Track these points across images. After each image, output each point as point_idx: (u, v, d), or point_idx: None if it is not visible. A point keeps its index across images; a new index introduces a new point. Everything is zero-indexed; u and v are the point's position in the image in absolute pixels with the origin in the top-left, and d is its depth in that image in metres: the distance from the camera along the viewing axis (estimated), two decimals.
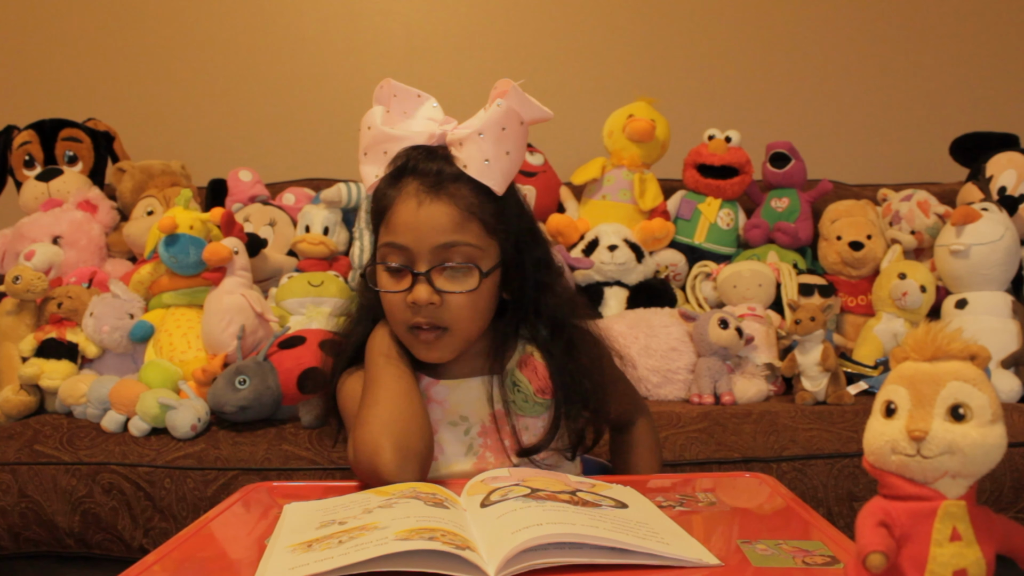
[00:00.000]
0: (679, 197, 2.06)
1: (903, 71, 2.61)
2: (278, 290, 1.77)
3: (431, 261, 0.91)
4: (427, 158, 0.92)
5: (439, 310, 0.91)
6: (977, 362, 0.50)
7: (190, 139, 2.56)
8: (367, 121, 0.95)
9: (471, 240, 0.91)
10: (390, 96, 0.95)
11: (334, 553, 0.62)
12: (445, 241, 0.90)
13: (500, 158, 0.90)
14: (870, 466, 0.51)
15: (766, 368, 1.65)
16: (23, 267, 1.69)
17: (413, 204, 0.90)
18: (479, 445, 0.98)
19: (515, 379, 0.98)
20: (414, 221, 0.90)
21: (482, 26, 2.61)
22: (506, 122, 0.90)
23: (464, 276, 0.92)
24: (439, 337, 0.93)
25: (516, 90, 0.90)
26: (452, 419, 0.98)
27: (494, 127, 0.90)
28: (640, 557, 0.63)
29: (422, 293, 0.90)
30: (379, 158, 0.94)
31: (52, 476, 1.36)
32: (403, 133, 0.93)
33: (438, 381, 0.99)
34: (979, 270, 1.68)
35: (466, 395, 0.99)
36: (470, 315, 0.93)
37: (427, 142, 0.93)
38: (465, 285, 0.92)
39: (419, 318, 0.92)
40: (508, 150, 0.91)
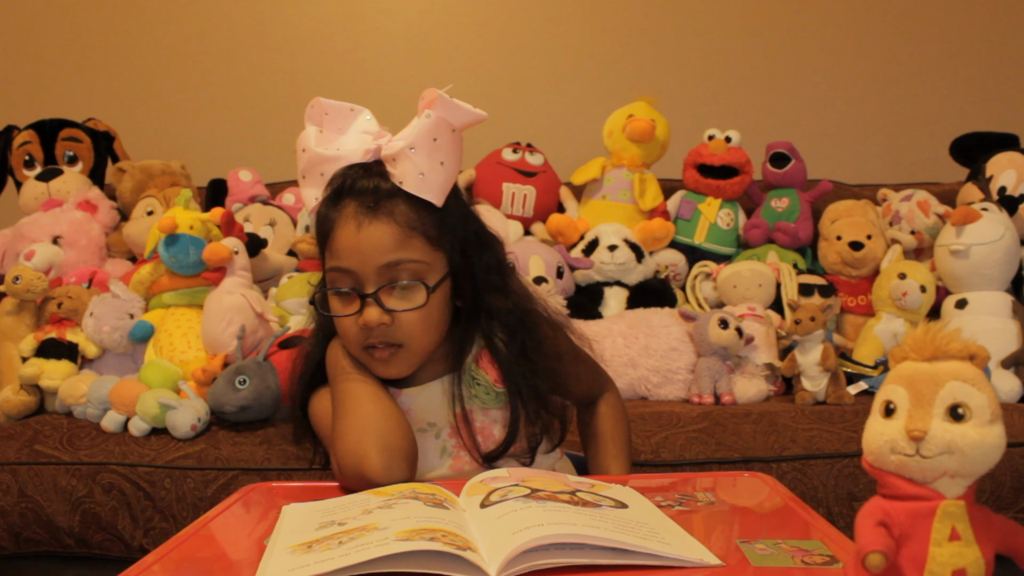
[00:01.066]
0: (679, 197, 2.06)
1: (903, 71, 2.61)
2: (278, 290, 1.77)
3: (377, 282, 0.90)
4: (363, 176, 0.91)
5: (391, 329, 0.91)
6: (976, 362, 0.50)
7: (190, 139, 2.56)
8: (301, 143, 0.93)
9: (415, 256, 0.91)
10: (321, 115, 0.94)
11: (335, 554, 0.62)
12: (389, 260, 0.90)
13: (435, 170, 0.90)
14: (869, 466, 0.52)
15: (766, 368, 1.65)
16: (23, 267, 1.69)
17: (353, 226, 0.90)
18: (452, 446, 0.98)
19: (473, 374, 0.98)
20: (356, 243, 0.90)
21: (482, 26, 2.61)
22: (437, 132, 0.89)
23: (412, 292, 0.91)
24: (394, 354, 0.93)
25: (443, 98, 0.89)
26: (420, 426, 0.98)
27: (425, 139, 0.89)
28: (641, 557, 0.63)
29: (372, 315, 0.90)
30: (317, 180, 0.93)
31: (52, 476, 1.36)
32: (337, 153, 0.92)
33: (401, 391, 0.99)
34: (979, 270, 1.68)
35: (430, 400, 0.99)
36: (423, 330, 0.93)
37: (363, 159, 0.92)
38: (414, 301, 0.91)
39: (372, 339, 0.92)
40: (442, 160, 0.90)
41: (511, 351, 0.98)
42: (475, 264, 0.97)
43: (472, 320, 0.99)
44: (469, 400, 0.98)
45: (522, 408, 0.97)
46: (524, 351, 0.98)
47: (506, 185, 2.04)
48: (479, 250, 0.98)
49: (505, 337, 0.98)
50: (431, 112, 0.89)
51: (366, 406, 0.91)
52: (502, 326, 0.98)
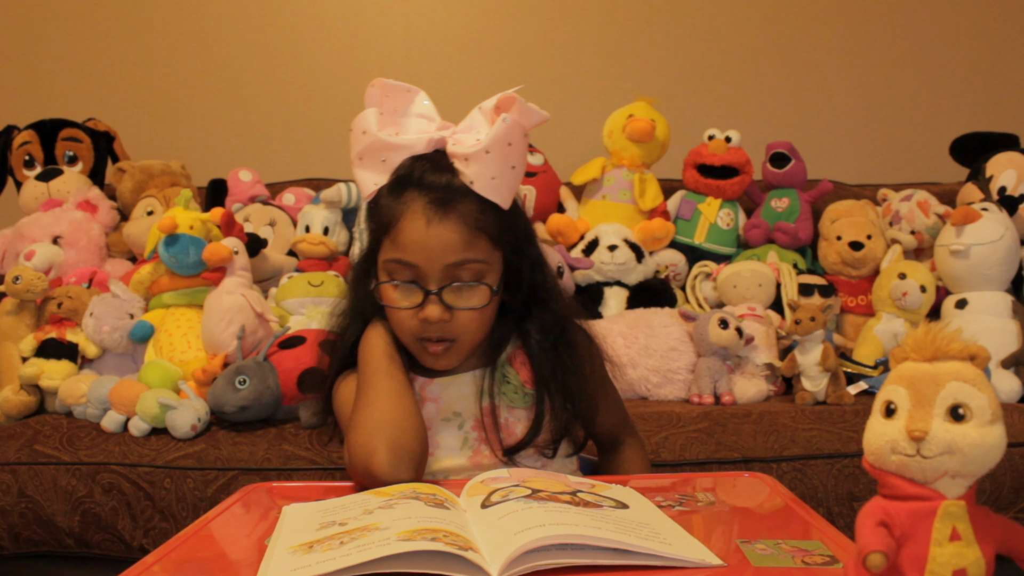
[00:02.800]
0: (679, 197, 2.06)
1: (903, 71, 2.61)
2: (278, 290, 1.77)
3: (441, 280, 0.91)
4: (432, 171, 0.91)
5: (448, 325, 0.93)
6: (977, 362, 0.50)
7: (190, 139, 2.56)
8: (361, 125, 0.93)
9: (480, 256, 0.92)
10: (382, 97, 0.94)
11: (336, 554, 0.62)
12: (455, 260, 0.91)
13: (506, 174, 0.91)
14: (870, 466, 0.52)
15: (766, 368, 1.65)
16: (23, 267, 1.69)
17: (422, 222, 0.90)
18: (474, 439, 0.99)
19: (504, 372, 0.99)
20: (424, 240, 0.90)
21: (482, 26, 2.61)
22: (511, 137, 0.89)
23: (473, 291, 0.93)
24: (448, 348, 0.95)
25: (519, 102, 0.89)
26: (446, 415, 0.99)
27: (500, 143, 0.89)
28: (642, 558, 0.63)
29: (434, 312, 0.91)
30: (377, 165, 0.93)
31: (52, 476, 1.36)
32: (402, 142, 0.92)
33: (432, 380, 1.00)
34: (979, 270, 1.68)
35: (459, 391, 1.00)
36: (478, 327, 0.95)
37: (426, 149, 0.93)
38: (474, 300, 0.93)
39: (429, 333, 0.93)
40: (514, 164, 0.91)
41: (544, 347, 0.99)
42: (523, 260, 0.98)
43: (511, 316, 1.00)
44: (497, 396, 0.99)
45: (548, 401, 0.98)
46: (556, 348, 1.00)
47: None
48: (528, 247, 0.99)
49: (540, 334, 1.00)
50: (508, 116, 0.89)
51: (386, 402, 0.91)
52: (540, 322, 1.00)
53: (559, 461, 1.02)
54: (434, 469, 0.98)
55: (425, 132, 0.93)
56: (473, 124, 0.93)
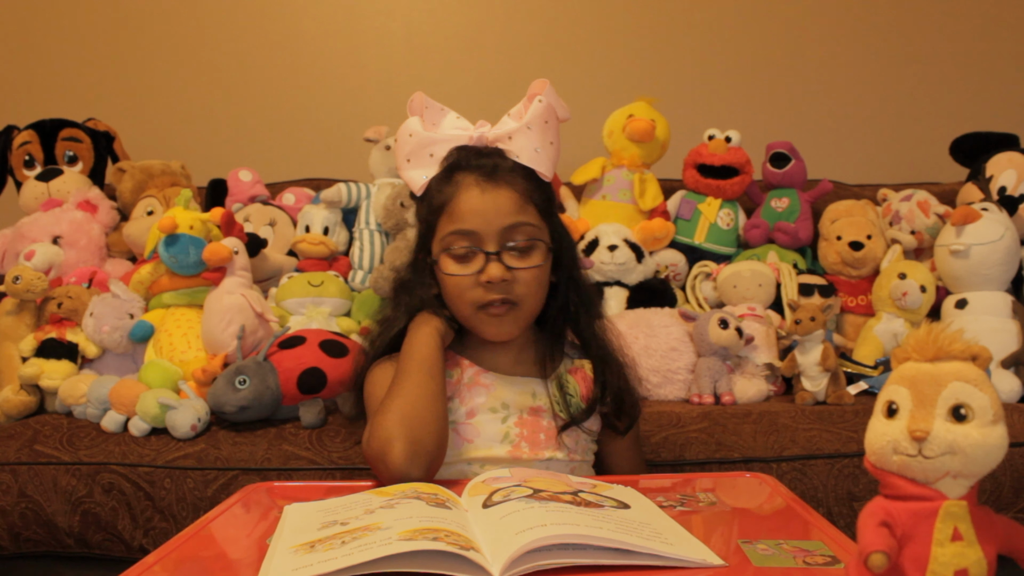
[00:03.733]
0: (679, 197, 2.06)
1: (903, 71, 2.61)
2: (278, 290, 1.77)
3: (499, 242, 0.98)
4: (478, 155, 1.00)
5: (510, 285, 0.98)
6: (978, 363, 0.50)
7: (190, 139, 2.56)
8: (407, 129, 1.02)
9: (532, 220, 0.99)
10: (422, 107, 1.03)
11: (338, 554, 0.62)
12: (511, 222, 0.97)
13: (547, 147, 1.01)
14: (871, 466, 0.52)
15: (766, 368, 1.65)
16: (23, 267, 1.69)
17: (476, 192, 0.98)
18: (515, 435, 1.01)
19: (564, 380, 1.05)
20: (480, 206, 0.97)
21: (482, 26, 2.61)
22: (547, 116, 1.00)
23: (530, 253, 0.99)
24: (509, 311, 1.00)
25: (550, 89, 0.99)
26: (493, 405, 1.02)
27: (539, 120, 0.99)
28: (644, 558, 0.63)
29: (496, 270, 0.97)
30: (425, 161, 1.01)
31: (52, 476, 1.36)
32: (446, 135, 1.02)
33: (489, 371, 1.04)
34: (979, 270, 1.68)
35: (512, 387, 1.04)
36: (536, 289, 1.01)
37: (467, 141, 1.02)
38: (532, 261, 0.99)
39: (492, 295, 0.98)
40: (551, 140, 1.01)
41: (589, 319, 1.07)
42: (564, 243, 1.06)
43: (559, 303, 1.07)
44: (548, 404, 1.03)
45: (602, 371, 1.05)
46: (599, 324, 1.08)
47: None
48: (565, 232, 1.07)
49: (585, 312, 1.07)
50: (543, 98, 0.99)
51: (418, 397, 0.94)
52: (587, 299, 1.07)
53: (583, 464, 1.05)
54: (471, 456, 1.00)
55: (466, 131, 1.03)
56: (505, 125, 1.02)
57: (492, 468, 0.90)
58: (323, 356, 1.42)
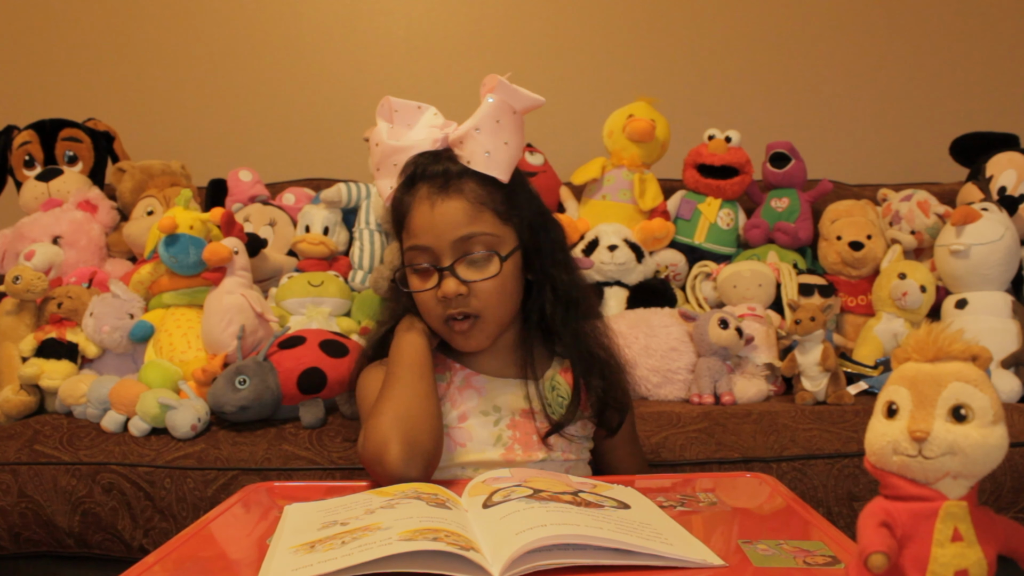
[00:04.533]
0: (679, 197, 2.06)
1: (903, 71, 2.61)
2: (278, 290, 1.77)
3: (453, 255, 0.97)
4: (433, 161, 0.98)
5: (468, 299, 0.97)
6: (979, 363, 0.50)
7: (190, 139, 2.56)
8: (374, 139, 1.01)
9: (487, 229, 0.97)
10: (391, 112, 1.01)
11: (338, 554, 0.62)
12: (463, 234, 0.96)
13: (499, 148, 0.96)
14: (872, 466, 0.52)
15: (766, 368, 1.65)
16: (23, 267, 1.69)
17: (427, 206, 0.97)
18: (508, 437, 1.01)
19: (555, 382, 1.03)
20: (430, 221, 0.96)
21: (482, 26, 2.61)
22: (499, 115, 0.96)
23: (486, 263, 0.98)
24: (473, 325, 0.99)
25: (503, 83, 0.96)
26: (485, 408, 1.02)
27: (488, 121, 0.96)
28: (644, 558, 0.63)
29: (450, 286, 0.96)
30: (390, 171, 1.00)
31: (52, 476, 1.36)
32: (408, 143, 0.99)
33: (480, 374, 1.04)
34: (979, 270, 1.68)
35: (503, 389, 1.03)
36: (498, 299, 0.99)
37: (432, 147, 0.99)
38: (488, 272, 0.97)
39: (451, 310, 0.98)
40: (506, 140, 0.96)
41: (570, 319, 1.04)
42: (542, 239, 1.03)
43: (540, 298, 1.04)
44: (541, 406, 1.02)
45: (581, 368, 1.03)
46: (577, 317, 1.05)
47: None
48: (545, 227, 1.04)
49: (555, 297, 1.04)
50: (492, 96, 0.96)
51: (411, 398, 0.94)
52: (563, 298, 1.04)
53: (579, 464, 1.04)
54: (463, 461, 1.00)
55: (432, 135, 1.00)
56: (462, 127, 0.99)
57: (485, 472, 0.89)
58: (323, 356, 1.42)
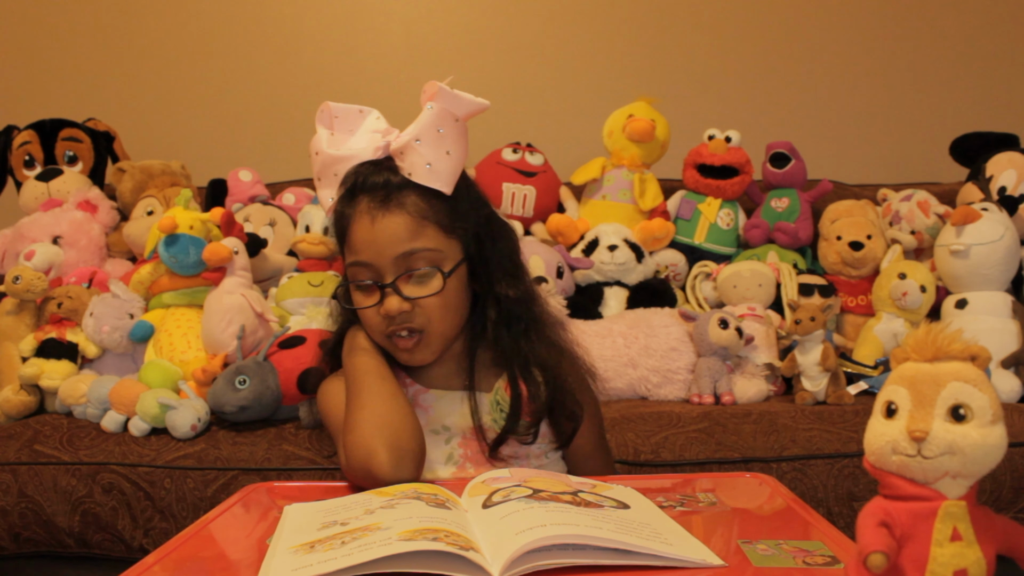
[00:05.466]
0: (679, 197, 2.06)
1: (903, 71, 2.61)
2: (278, 290, 1.77)
3: (395, 271, 0.94)
4: (373, 172, 0.94)
5: (411, 315, 0.95)
6: (978, 363, 0.50)
7: (190, 139, 2.56)
8: (314, 147, 0.97)
9: (429, 244, 0.94)
10: (331, 118, 0.97)
11: (337, 554, 0.62)
12: (404, 250, 0.93)
13: (441, 159, 0.93)
14: (871, 466, 0.52)
15: (766, 368, 1.65)
16: (23, 267, 1.69)
17: (367, 221, 0.93)
18: (459, 455, 1.00)
19: (499, 398, 1.00)
20: (371, 236, 0.93)
21: (482, 26, 2.61)
22: (440, 123, 0.92)
23: (429, 279, 0.94)
24: (417, 341, 0.96)
25: (444, 90, 0.92)
26: (435, 427, 1.00)
27: (430, 130, 0.92)
28: (644, 558, 0.63)
29: (392, 304, 0.94)
30: (331, 180, 0.96)
31: (52, 476, 1.36)
32: (349, 152, 0.95)
33: (427, 390, 1.01)
34: (979, 270, 1.68)
35: (450, 406, 1.01)
36: (441, 315, 0.96)
37: (374, 156, 0.95)
38: (431, 288, 0.94)
39: (394, 326, 0.95)
40: (448, 149, 0.93)
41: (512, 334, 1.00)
42: (488, 250, 0.99)
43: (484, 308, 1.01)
44: (490, 422, 0.99)
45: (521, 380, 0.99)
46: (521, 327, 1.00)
47: (506, 185, 2.04)
48: (492, 237, 1.00)
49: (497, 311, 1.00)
50: (433, 104, 0.92)
51: (380, 403, 0.92)
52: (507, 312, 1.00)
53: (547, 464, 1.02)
54: None
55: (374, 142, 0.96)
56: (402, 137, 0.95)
57: None
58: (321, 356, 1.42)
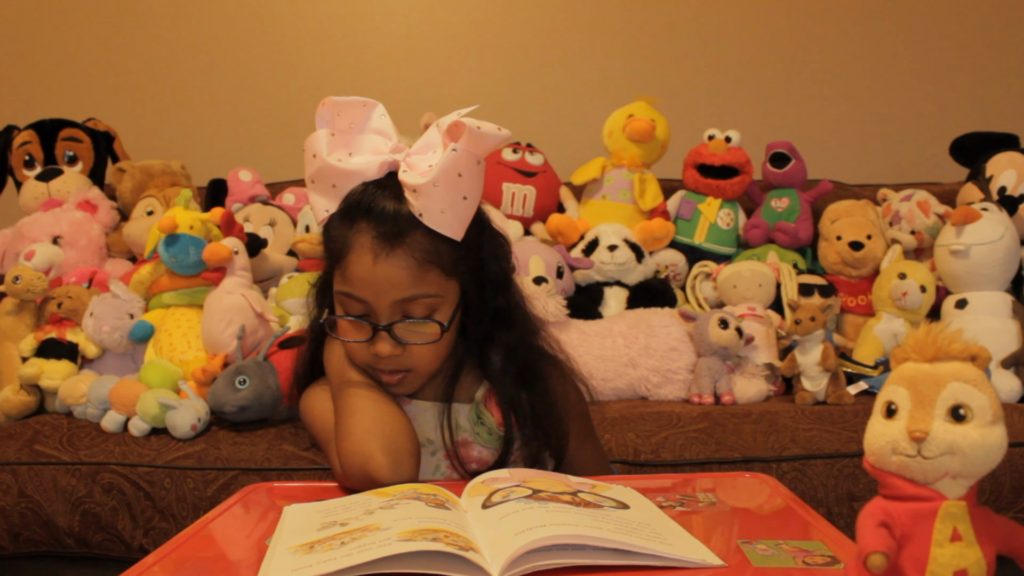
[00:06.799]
0: (679, 197, 2.06)
1: (903, 71, 2.61)
2: (278, 290, 1.77)
3: (391, 316, 0.89)
4: (381, 197, 0.88)
5: (401, 358, 0.91)
6: (977, 363, 0.50)
7: (190, 139, 2.56)
8: (311, 147, 0.89)
9: (430, 291, 0.89)
10: (333, 116, 0.90)
11: (337, 554, 0.62)
12: (404, 296, 0.88)
13: (457, 205, 0.86)
14: (871, 466, 0.52)
15: (766, 368, 1.65)
16: (23, 267, 1.69)
17: (369, 258, 0.87)
18: (445, 467, 0.99)
19: (479, 411, 0.98)
20: (371, 277, 0.87)
21: (482, 26, 2.61)
22: (461, 167, 0.85)
23: (424, 326, 0.90)
24: (402, 379, 0.93)
25: (470, 131, 0.84)
26: (420, 440, 0.97)
27: (449, 175, 0.84)
28: (643, 558, 0.63)
29: (384, 348, 0.89)
30: (328, 191, 0.90)
31: (52, 476, 1.36)
32: (352, 167, 0.88)
33: (410, 401, 0.99)
34: (979, 270, 1.68)
35: (433, 418, 0.98)
36: (432, 358, 0.93)
37: (378, 173, 0.89)
38: (427, 335, 0.91)
39: (381, 365, 0.92)
40: (465, 195, 0.86)
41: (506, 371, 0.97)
42: (485, 286, 0.95)
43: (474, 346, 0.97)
44: (472, 436, 0.98)
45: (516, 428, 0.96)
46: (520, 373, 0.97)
47: (506, 185, 2.04)
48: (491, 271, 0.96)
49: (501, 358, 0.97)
50: (456, 146, 0.84)
51: (370, 407, 0.91)
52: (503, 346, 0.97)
53: None
54: None
55: (379, 153, 0.89)
56: (429, 143, 0.89)
57: None
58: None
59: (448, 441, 0.96)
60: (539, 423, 0.97)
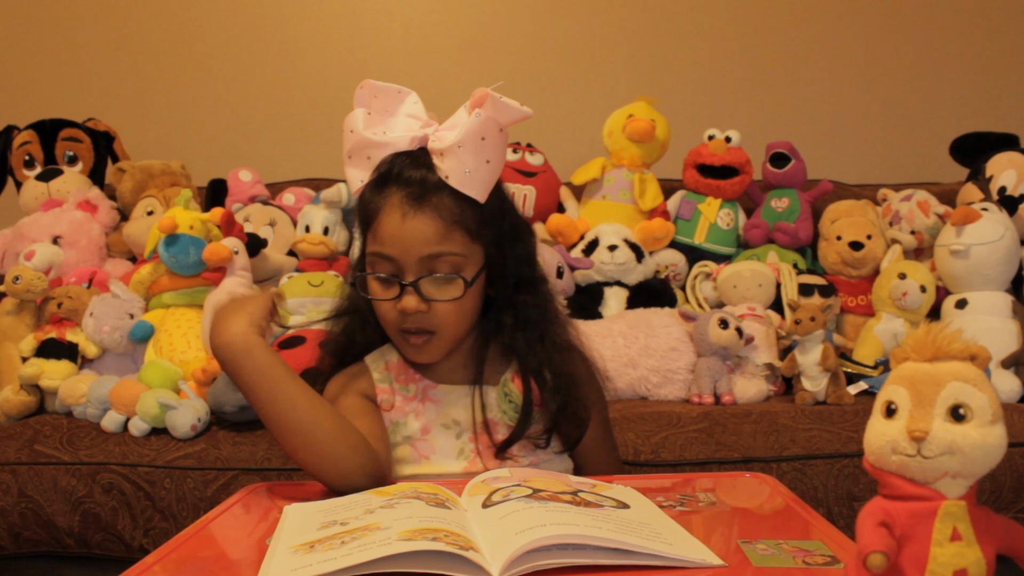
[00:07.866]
0: (679, 197, 2.06)
1: (903, 71, 2.61)
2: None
3: (418, 271, 0.93)
4: (410, 166, 0.94)
5: (427, 316, 0.95)
6: (977, 363, 0.50)
7: (190, 139, 2.56)
8: (349, 124, 0.96)
9: (455, 249, 0.94)
10: (371, 97, 0.96)
11: (337, 554, 0.62)
12: (430, 252, 0.93)
13: (480, 167, 0.92)
14: (870, 466, 0.52)
15: (766, 368, 1.65)
16: (23, 267, 1.69)
17: (398, 216, 0.93)
18: (470, 450, 1.00)
19: (507, 390, 1.01)
20: (399, 233, 0.93)
21: (482, 26, 2.61)
22: (485, 132, 0.91)
23: (450, 284, 0.94)
24: (427, 341, 0.97)
25: (493, 98, 0.90)
26: (445, 421, 1.01)
27: (473, 138, 0.91)
28: (643, 558, 0.63)
29: (410, 303, 0.94)
30: (363, 163, 0.95)
31: (52, 476, 1.36)
32: (385, 139, 0.95)
33: (436, 385, 1.02)
34: (979, 270, 1.68)
35: (459, 401, 1.01)
36: (456, 319, 0.97)
37: (409, 146, 0.95)
38: (451, 293, 0.95)
39: (407, 324, 0.95)
40: (488, 159, 0.92)
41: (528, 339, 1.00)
42: (508, 257, 0.99)
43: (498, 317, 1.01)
44: (499, 415, 1.00)
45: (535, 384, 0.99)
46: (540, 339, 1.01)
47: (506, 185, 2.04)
48: (513, 243, 1.01)
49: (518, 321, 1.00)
50: (480, 111, 0.90)
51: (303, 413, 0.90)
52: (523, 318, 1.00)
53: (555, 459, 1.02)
54: (428, 472, 0.99)
55: (411, 131, 0.95)
56: (457, 122, 0.94)
57: None
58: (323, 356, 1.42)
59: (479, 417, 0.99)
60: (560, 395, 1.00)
